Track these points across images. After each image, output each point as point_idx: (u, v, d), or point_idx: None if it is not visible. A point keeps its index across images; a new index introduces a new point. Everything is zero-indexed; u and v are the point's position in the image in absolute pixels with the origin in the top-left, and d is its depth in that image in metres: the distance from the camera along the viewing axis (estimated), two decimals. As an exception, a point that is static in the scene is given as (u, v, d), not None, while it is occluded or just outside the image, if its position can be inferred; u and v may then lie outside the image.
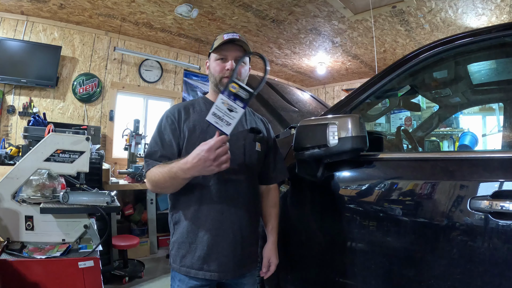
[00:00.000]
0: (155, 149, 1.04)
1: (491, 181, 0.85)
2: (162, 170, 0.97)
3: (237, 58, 1.07)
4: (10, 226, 1.44)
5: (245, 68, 1.10)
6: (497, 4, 2.86)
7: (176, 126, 1.05)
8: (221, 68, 1.07)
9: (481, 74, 1.63)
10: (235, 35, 1.06)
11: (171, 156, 1.03)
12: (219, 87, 1.08)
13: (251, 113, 1.22)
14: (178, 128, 1.05)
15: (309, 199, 1.27)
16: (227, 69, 1.06)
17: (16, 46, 3.27)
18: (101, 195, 1.62)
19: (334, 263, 1.16)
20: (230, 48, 1.06)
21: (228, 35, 1.07)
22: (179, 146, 1.05)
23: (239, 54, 1.07)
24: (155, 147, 1.05)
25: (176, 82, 4.55)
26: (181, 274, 1.03)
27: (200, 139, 1.02)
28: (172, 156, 1.03)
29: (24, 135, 2.22)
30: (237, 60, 1.07)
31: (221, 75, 1.07)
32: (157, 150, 1.04)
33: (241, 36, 1.08)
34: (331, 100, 5.93)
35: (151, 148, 1.05)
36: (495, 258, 0.79)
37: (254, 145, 1.10)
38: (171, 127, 1.05)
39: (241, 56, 1.07)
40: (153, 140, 1.06)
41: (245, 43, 1.07)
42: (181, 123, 1.06)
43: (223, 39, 1.06)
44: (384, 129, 3.92)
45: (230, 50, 1.07)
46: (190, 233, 1.03)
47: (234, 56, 1.07)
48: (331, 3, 2.97)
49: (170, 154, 1.03)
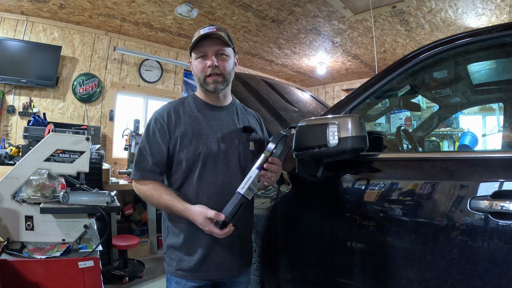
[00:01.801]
0: (145, 157, 1.02)
1: (491, 181, 0.84)
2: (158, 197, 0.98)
3: (217, 52, 1.03)
4: (10, 226, 1.44)
5: (228, 61, 1.05)
6: (497, 4, 2.86)
7: (165, 130, 1.02)
8: (202, 66, 1.03)
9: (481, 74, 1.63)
10: (211, 28, 1.01)
11: (160, 162, 1.02)
12: (204, 87, 1.05)
13: (242, 109, 1.19)
14: (168, 132, 1.02)
15: (309, 199, 1.27)
16: (209, 66, 1.02)
17: (16, 46, 3.27)
18: (101, 195, 1.62)
19: (334, 263, 1.16)
20: (207, 43, 1.02)
21: (204, 29, 1.02)
22: (169, 151, 1.03)
23: (218, 48, 1.03)
24: (145, 155, 1.02)
25: (176, 82, 4.55)
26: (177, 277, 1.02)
27: (193, 143, 1.01)
28: (162, 161, 1.02)
29: (24, 135, 2.22)
30: (218, 55, 1.03)
31: (204, 74, 1.03)
32: (147, 158, 1.01)
33: (219, 27, 1.04)
34: (331, 100, 5.93)
35: (141, 156, 1.02)
36: (495, 258, 0.79)
37: (248, 145, 1.09)
38: (160, 131, 1.02)
39: (222, 49, 1.03)
40: (142, 146, 1.03)
41: (222, 35, 1.02)
42: (171, 127, 1.02)
43: (199, 34, 1.01)
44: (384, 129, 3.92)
45: (208, 46, 1.02)
46: (186, 237, 1.02)
47: (214, 51, 1.02)
48: (331, 3, 2.97)
49: (159, 160, 1.02)
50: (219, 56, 1.03)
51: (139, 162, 1.03)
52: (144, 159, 1.02)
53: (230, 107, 1.14)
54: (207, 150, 1.01)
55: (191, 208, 0.94)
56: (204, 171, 1.01)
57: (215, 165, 1.02)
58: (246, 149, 1.08)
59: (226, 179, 1.03)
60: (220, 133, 1.05)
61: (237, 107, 1.17)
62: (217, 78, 1.03)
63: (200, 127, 1.04)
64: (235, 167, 1.05)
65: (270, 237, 1.36)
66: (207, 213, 0.90)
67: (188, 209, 0.94)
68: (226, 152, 1.04)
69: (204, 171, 1.01)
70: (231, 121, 1.10)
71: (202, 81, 1.05)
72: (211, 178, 1.01)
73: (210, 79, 1.03)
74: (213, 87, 1.04)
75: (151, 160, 1.01)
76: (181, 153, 1.01)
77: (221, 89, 1.05)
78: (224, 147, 1.04)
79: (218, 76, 1.03)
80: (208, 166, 1.01)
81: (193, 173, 1.01)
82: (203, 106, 1.09)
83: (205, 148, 1.01)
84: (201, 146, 1.01)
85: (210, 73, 1.02)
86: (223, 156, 1.03)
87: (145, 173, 1.02)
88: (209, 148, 1.01)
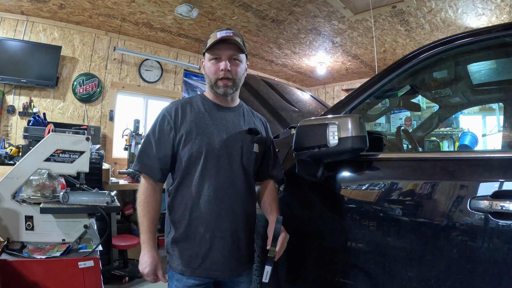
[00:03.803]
0: (149, 150, 1.04)
1: (491, 181, 0.84)
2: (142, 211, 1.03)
3: (231, 56, 1.05)
4: (10, 226, 1.44)
5: (240, 66, 1.08)
6: (497, 4, 2.86)
7: (172, 126, 1.04)
8: (215, 69, 1.05)
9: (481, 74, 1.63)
10: (229, 33, 1.04)
11: (165, 157, 1.04)
12: (214, 89, 1.08)
13: (250, 112, 1.21)
14: (174, 128, 1.04)
15: (309, 199, 1.26)
16: (221, 69, 1.04)
17: (16, 46, 3.27)
18: (101, 195, 1.62)
19: (334, 263, 1.16)
20: (223, 47, 1.04)
21: (221, 32, 1.04)
22: (173, 146, 1.04)
23: (233, 53, 1.05)
24: (149, 148, 1.04)
25: (176, 82, 4.55)
26: (178, 273, 1.03)
27: (197, 140, 1.03)
28: (166, 157, 1.04)
29: (24, 135, 2.22)
30: (231, 59, 1.05)
31: (216, 76, 1.06)
32: (151, 150, 1.04)
33: (235, 32, 1.06)
34: (331, 100, 5.93)
35: (145, 148, 1.05)
36: (495, 258, 0.79)
37: (252, 146, 1.10)
38: (167, 127, 1.05)
39: (236, 55, 1.06)
40: (148, 139, 1.06)
41: (238, 41, 1.05)
42: (177, 123, 1.05)
43: (216, 37, 1.03)
44: (384, 129, 3.92)
45: (223, 49, 1.05)
46: (188, 234, 1.03)
47: (228, 55, 1.05)
48: (331, 3, 2.97)
49: (163, 155, 1.04)
50: (232, 60, 1.06)
51: (141, 155, 1.05)
52: (147, 153, 1.04)
53: (237, 108, 1.16)
54: (210, 148, 1.02)
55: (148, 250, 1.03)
56: (206, 169, 1.02)
57: (217, 163, 1.03)
58: (250, 150, 1.09)
59: (228, 178, 1.04)
60: (224, 132, 1.06)
61: (244, 109, 1.19)
62: (227, 83, 1.06)
63: (205, 125, 1.05)
64: (237, 167, 1.06)
65: (270, 237, 1.36)
66: (159, 271, 1.02)
67: (145, 245, 1.04)
68: (230, 152, 1.05)
69: (207, 169, 1.02)
70: (236, 122, 1.11)
71: (213, 83, 1.07)
72: (213, 176, 1.02)
73: (221, 82, 1.05)
74: (223, 90, 1.07)
75: (154, 155, 1.03)
76: (185, 150, 1.03)
77: (230, 93, 1.08)
78: (227, 147, 1.05)
79: (229, 81, 1.06)
80: (210, 164, 1.02)
81: (195, 170, 1.02)
82: (210, 105, 1.11)
83: (208, 146, 1.02)
84: (204, 143, 1.02)
85: (222, 77, 1.05)
86: (226, 155, 1.04)
87: (144, 166, 1.04)
88: (212, 146, 1.03)
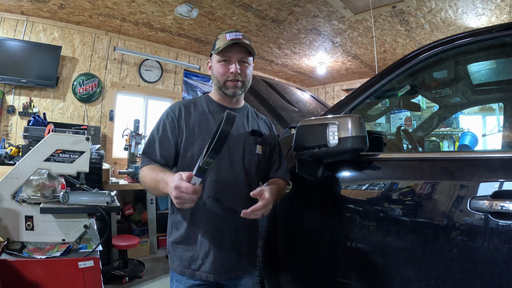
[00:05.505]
0: (153, 147, 1.05)
1: (491, 181, 0.84)
2: (151, 174, 0.96)
3: (241, 59, 1.06)
4: (10, 226, 1.44)
5: (249, 68, 1.10)
6: (497, 4, 2.86)
7: (175, 124, 1.05)
8: (224, 70, 1.06)
9: (481, 74, 1.63)
10: (238, 35, 1.04)
11: (168, 154, 1.04)
12: (223, 90, 1.08)
13: (254, 114, 1.20)
14: (178, 126, 1.05)
15: (309, 199, 1.26)
16: (231, 72, 1.04)
17: (16, 46, 3.27)
18: (101, 195, 1.62)
19: (335, 263, 1.16)
20: (233, 49, 1.04)
21: (230, 35, 1.04)
22: (177, 145, 1.05)
23: (243, 56, 1.06)
24: (153, 145, 1.05)
25: (176, 82, 4.55)
26: (178, 274, 1.03)
27: (199, 139, 1.03)
28: (169, 154, 1.04)
29: (24, 135, 2.22)
30: (241, 62, 1.06)
31: (225, 78, 1.06)
32: (155, 148, 1.05)
33: (244, 34, 1.06)
34: (331, 100, 5.93)
35: (149, 145, 1.06)
36: (495, 258, 0.79)
37: (254, 148, 1.09)
38: (171, 125, 1.05)
39: (245, 58, 1.06)
40: (152, 137, 1.07)
41: (248, 44, 1.05)
42: (181, 122, 1.05)
43: (225, 39, 1.03)
44: (384, 129, 3.92)
45: (233, 52, 1.05)
46: (188, 235, 1.03)
47: (238, 58, 1.05)
48: (331, 3, 2.97)
49: (166, 152, 1.04)
50: (241, 63, 1.06)
51: (146, 153, 1.06)
52: (152, 150, 1.05)
53: (242, 110, 1.16)
54: None
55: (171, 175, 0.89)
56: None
57: (218, 164, 1.02)
58: (252, 151, 1.09)
59: (229, 179, 1.03)
60: None
61: (248, 111, 1.19)
62: (237, 84, 1.06)
63: (208, 125, 1.06)
64: (239, 168, 1.05)
65: (270, 237, 1.36)
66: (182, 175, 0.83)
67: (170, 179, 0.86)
68: (231, 153, 1.05)
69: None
70: (240, 123, 1.11)
71: (221, 84, 1.07)
72: (214, 176, 1.02)
73: (231, 83, 1.06)
74: (232, 91, 1.07)
75: (158, 151, 1.04)
76: (187, 148, 1.03)
77: (239, 94, 1.09)
78: (229, 147, 1.04)
79: (238, 82, 1.07)
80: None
81: None
82: (215, 106, 1.12)
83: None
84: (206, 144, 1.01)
85: (231, 79, 1.05)
86: (227, 155, 1.04)
87: (150, 162, 1.05)
88: None
